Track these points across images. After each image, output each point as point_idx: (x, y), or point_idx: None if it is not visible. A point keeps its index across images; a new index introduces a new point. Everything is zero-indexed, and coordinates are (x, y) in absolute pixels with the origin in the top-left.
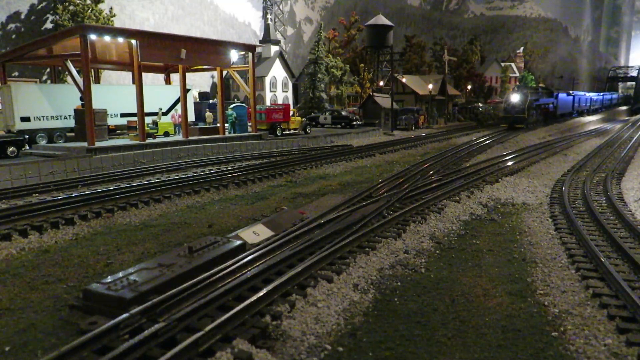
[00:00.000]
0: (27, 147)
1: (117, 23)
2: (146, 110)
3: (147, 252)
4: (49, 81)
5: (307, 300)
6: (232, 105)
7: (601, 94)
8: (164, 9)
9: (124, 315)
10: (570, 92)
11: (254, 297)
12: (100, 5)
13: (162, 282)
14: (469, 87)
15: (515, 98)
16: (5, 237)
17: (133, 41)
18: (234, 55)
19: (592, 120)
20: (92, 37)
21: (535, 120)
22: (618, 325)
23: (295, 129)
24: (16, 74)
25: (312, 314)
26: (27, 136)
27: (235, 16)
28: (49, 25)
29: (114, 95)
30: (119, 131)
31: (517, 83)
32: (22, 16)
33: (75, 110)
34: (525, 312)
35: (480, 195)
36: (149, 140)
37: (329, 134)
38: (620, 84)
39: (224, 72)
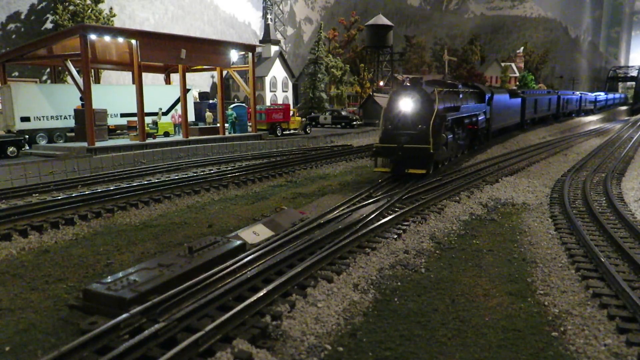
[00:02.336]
0: (27, 147)
1: (117, 23)
2: (146, 110)
3: (147, 252)
4: (49, 81)
5: (307, 300)
6: (232, 105)
7: (579, 93)
8: (164, 9)
9: (124, 315)
10: (519, 91)
11: (254, 297)
12: (100, 5)
13: (162, 282)
14: None
15: (406, 105)
16: (5, 237)
17: (133, 41)
18: (234, 55)
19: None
20: (92, 37)
21: (453, 154)
22: (618, 325)
23: (295, 129)
24: (16, 74)
25: (312, 314)
26: (27, 136)
27: (235, 16)
28: (49, 25)
29: (114, 95)
30: (119, 131)
31: (517, 83)
32: (22, 16)
33: (75, 110)
34: (525, 312)
35: (480, 195)
36: (149, 140)
37: (329, 134)
38: (620, 84)
39: (224, 72)
